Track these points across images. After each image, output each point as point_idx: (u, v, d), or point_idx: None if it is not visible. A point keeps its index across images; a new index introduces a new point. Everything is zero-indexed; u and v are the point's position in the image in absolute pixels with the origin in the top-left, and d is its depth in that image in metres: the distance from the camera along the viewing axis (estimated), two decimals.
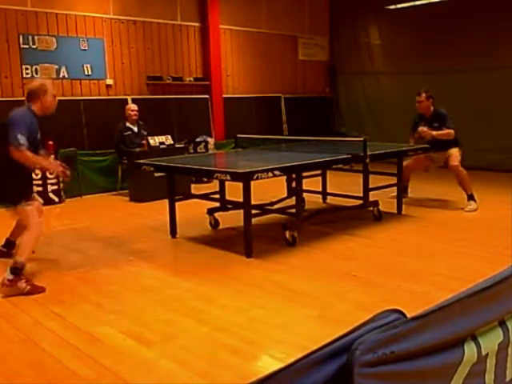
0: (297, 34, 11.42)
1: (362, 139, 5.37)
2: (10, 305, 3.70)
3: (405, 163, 6.94)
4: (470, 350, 1.16)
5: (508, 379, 1.32)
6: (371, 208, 5.84)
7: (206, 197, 5.78)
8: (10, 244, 4.74)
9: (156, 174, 6.54)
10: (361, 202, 5.74)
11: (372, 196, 5.79)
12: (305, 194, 6.16)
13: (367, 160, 5.38)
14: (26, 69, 7.75)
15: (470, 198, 6.39)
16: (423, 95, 6.66)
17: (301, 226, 5.20)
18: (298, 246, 4.94)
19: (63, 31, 8.07)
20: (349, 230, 5.51)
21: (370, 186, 5.74)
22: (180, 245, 5.24)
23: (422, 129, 6.46)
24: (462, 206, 6.35)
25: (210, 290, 3.92)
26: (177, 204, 5.46)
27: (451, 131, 6.45)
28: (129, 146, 7.80)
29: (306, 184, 6.20)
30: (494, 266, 1.70)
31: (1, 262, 4.49)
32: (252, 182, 4.50)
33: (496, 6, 9.28)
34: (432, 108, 6.67)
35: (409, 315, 1.07)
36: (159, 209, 6.44)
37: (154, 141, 7.71)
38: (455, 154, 6.54)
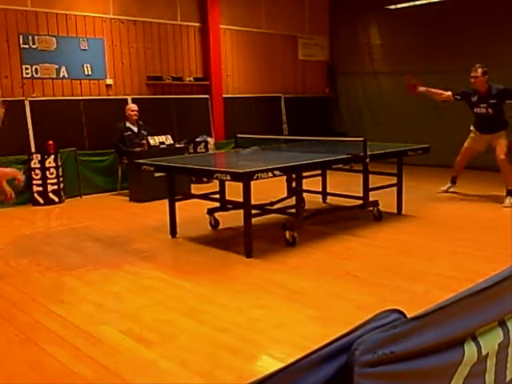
0: (297, 34, 11.42)
1: (362, 139, 5.37)
2: (9, 305, 3.70)
3: (458, 157, 6.95)
4: (470, 349, 1.15)
5: (508, 379, 1.32)
6: (371, 208, 5.84)
7: (206, 197, 5.78)
8: None
9: (156, 174, 6.56)
10: (361, 202, 5.75)
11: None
12: (305, 194, 6.16)
13: (367, 160, 5.38)
14: (26, 69, 7.75)
15: (510, 193, 6.35)
16: (479, 70, 6.47)
17: (301, 226, 5.19)
18: (298, 246, 4.94)
19: (63, 31, 8.07)
20: (349, 230, 5.51)
21: (370, 186, 5.74)
22: (180, 245, 5.24)
23: (421, 88, 6.59)
24: (467, 204, 6.35)
25: (209, 290, 3.92)
26: (177, 204, 5.46)
27: (445, 93, 6.59)
28: (129, 146, 7.81)
29: (306, 184, 6.20)
30: (494, 266, 1.70)
31: None
32: (252, 182, 4.50)
33: (496, 6, 9.28)
34: (487, 85, 6.50)
35: (409, 315, 1.07)
36: (159, 209, 6.43)
37: (154, 141, 7.72)
38: (503, 142, 6.42)
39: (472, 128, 6.80)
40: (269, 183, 5.56)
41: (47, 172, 7.30)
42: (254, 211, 4.83)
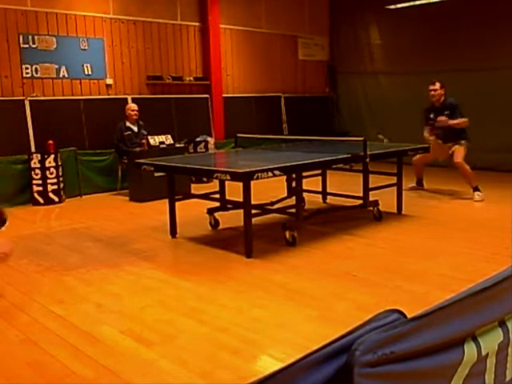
0: (297, 33, 11.42)
1: (362, 139, 5.36)
2: (9, 305, 3.70)
3: (414, 158, 7.13)
4: (470, 350, 1.16)
5: (508, 379, 1.32)
6: (371, 208, 5.84)
7: (206, 197, 5.78)
8: None
9: (156, 174, 6.56)
10: (361, 201, 5.75)
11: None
12: (305, 194, 6.16)
13: (367, 160, 5.38)
14: (26, 68, 7.75)
15: (475, 189, 6.69)
16: (437, 84, 6.90)
17: (301, 226, 5.19)
18: (298, 246, 4.94)
19: (63, 31, 8.07)
20: (349, 229, 5.51)
21: (370, 186, 5.74)
22: (180, 245, 5.24)
23: (441, 117, 6.69)
24: (467, 205, 6.35)
25: (209, 290, 3.92)
26: (177, 204, 5.45)
27: (466, 119, 6.68)
28: (129, 146, 7.81)
29: (306, 184, 6.19)
30: (494, 266, 1.70)
31: None
32: (252, 182, 4.49)
33: (496, 6, 9.28)
34: (443, 98, 6.92)
35: (409, 315, 1.07)
36: (159, 209, 6.43)
37: (154, 140, 7.72)
38: (461, 149, 6.76)
39: (435, 138, 6.99)
40: (269, 183, 5.56)
41: (47, 172, 7.30)
42: (254, 211, 4.83)
